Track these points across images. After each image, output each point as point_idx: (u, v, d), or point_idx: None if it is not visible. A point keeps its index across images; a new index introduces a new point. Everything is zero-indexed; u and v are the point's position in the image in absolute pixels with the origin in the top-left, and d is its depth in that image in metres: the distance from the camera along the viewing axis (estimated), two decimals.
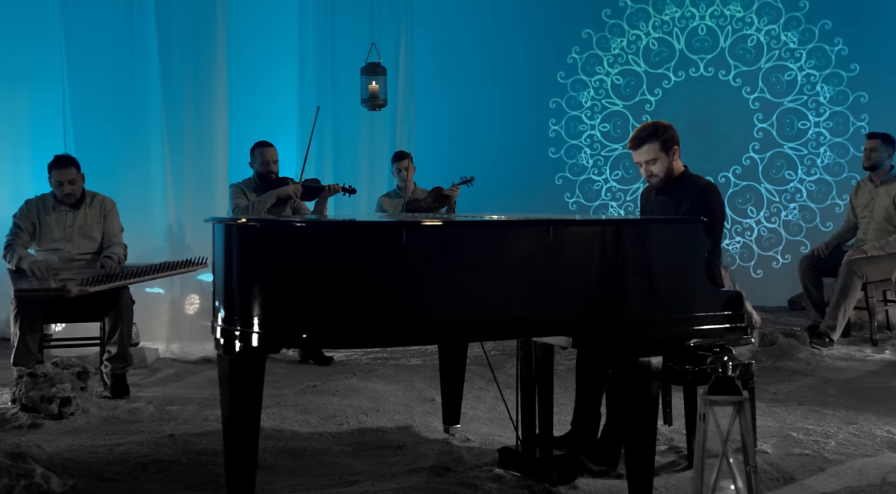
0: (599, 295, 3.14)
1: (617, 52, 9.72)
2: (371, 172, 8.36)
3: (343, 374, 5.81)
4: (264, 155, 6.51)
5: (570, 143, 9.87)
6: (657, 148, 4.13)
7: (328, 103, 8.24)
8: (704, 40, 9.57)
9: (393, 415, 4.86)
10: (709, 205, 4.01)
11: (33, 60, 7.10)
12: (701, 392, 3.13)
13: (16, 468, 3.55)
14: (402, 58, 8.45)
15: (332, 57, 8.22)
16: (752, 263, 9.34)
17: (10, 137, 7.05)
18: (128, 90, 6.80)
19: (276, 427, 4.59)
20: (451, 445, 4.28)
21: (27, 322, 5.16)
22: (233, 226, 2.99)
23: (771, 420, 4.69)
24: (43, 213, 5.48)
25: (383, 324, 2.93)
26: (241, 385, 3.03)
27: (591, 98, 9.84)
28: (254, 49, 8.38)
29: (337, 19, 8.27)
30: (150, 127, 6.81)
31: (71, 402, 4.75)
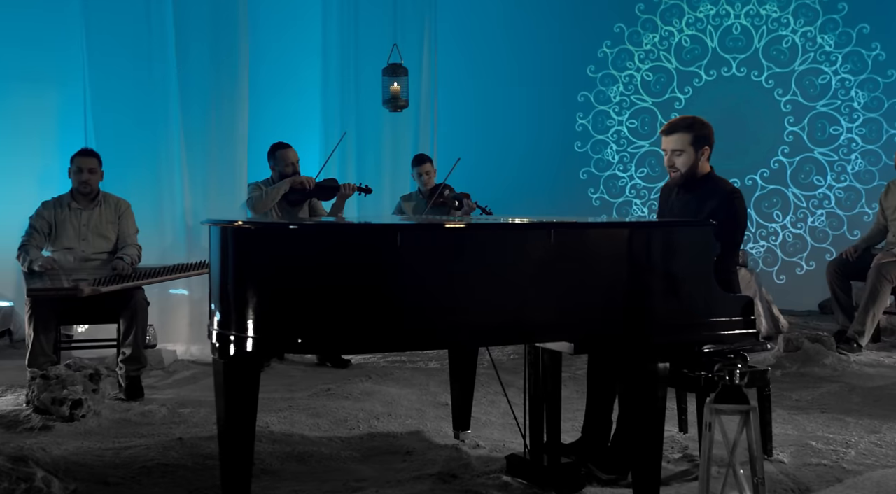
0: (601, 299, 3.06)
1: (648, 48, 9.60)
2: (394, 173, 8.32)
3: (359, 377, 5.76)
4: (285, 157, 6.50)
5: (596, 138, 9.76)
6: (688, 140, 4.03)
7: (351, 104, 8.23)
8: (738, 39, 9.42)
9: (405, 420, 4.80)
10: (733, 211, 3.91)
11: (56, 59, 7.14)
12: (707, 400, 3.04)
13: (17, 471, 3.53)
14: (426, 57, 8.40)
15: (355, 57, 8.20)
16: (776, 268, 9.17)
17: (33, 134, 7.07)
18: (147, 89, 6.81)
19: (286, 431, 4.55)
20: (460, 451, 4.21)
21: (41, 323, 5.16)
22: (228, 229, 2.94)
23: (791, 429, 4.57)
24: (59, 213, 5.50)
25: (379, 329, 2.87)
26: (235, 390, 2.98)
27: (619, 93, 9.72)
28: (279, 50, 8.39)
29: (360, 19, 8.24)
30: (169, 126, 6.81)
31: (82, 404, 4.74)
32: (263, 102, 8.18)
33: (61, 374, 4.77)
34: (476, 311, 2.93)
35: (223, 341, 2.96)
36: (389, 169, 8.32)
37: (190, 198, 6.86)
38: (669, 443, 4.25)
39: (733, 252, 3.90)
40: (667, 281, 3.13)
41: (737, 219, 3.90)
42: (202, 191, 6.83)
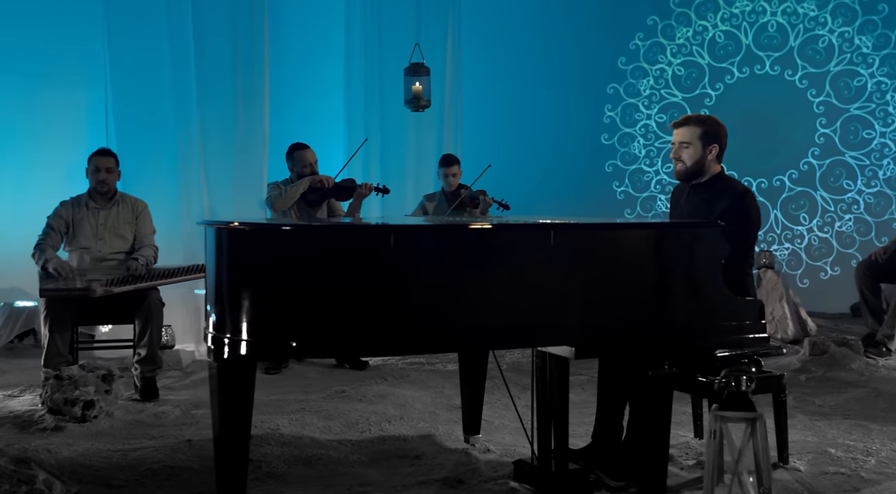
0: (603, 302, 2.98)
1: (681, 42, 9.45)
2: (417, 173, 8.26)
3: (374, 379, 5.72)
4: (303, 157, 6.47)
5: (624, 131, 9.63)
6: (697, 134, 3.92)
7: (375, 103, 8.18)
8: (773, 37, 9.24)
9: (417, 423, 4.74)
10: (744, 210, 3.81)
11: (78, 58, 7.15)
12: (713, 407, 2.95)
13: (18, 473, 3.51)
14: (449, 56, 8.33)
15: (378, 56, 8.14)
16: (800, 272, 8.99)
17: (57, 132, 7.09)
18: (168, 89, 6.82)
19: (297, 434, 4.51)
20: (469, 456, 4.15)
21: (56, 323, 5.16)
22: (223, 230, 2.90)
23: (811, 435, 4.45)
24: (76, 213, 5.51)
25: (374, 332, 2.81)
26: (229, 394, 2.95)
27: (650, 87, 9.58)
28: (303, 49, 8.36)
29: (384, 18, 8.19)
30: (189, 125, 6.82)
31: (94, 405, 4.73)
32: (288, 102, 8.17)
33: (74, 375, 4.76)
34: (473, 313, 2.87)
35: (217, 344, 2.92)
36: (413, 168, 8.26)
37: (208, 197, 6.85)
38: (683, 449, 4.16)
39: (746, 253, 3.80)
40: (670, 285, 3.05)
41: (749, 220, 3.80)
42: (222, 190, 6.83)
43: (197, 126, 6.80)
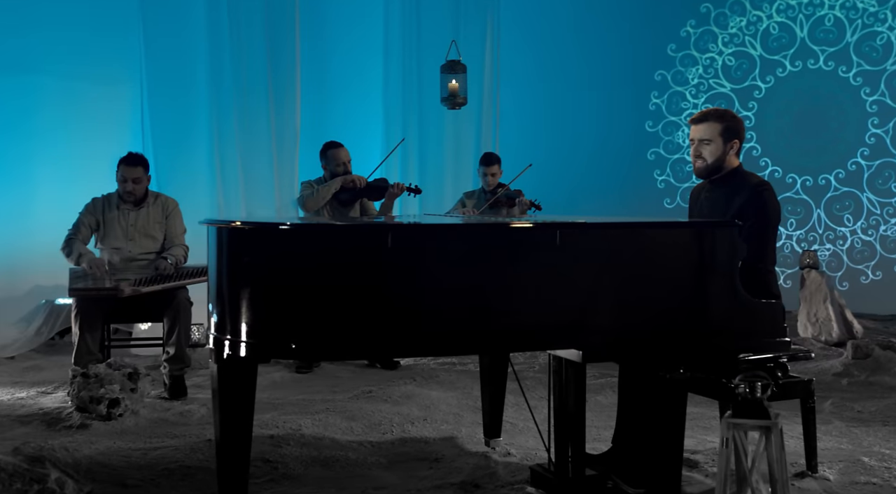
0: (610, 304, 2.88)
1: (734, 32, 9.22)
2: (455, 171, 8.21)
3: (403, 380, 5.67)
4: (336, 156, 6.43)
5: (669, 119, 9.44)
6: (717, 131, 3.81)
7: (413, 101, 8.14)
8: (829, 31, 8.98)
9: (440, 425, 4.68)
10: (761, 204, 3.68)
11: (114, 61, 7.22)
12: (726, 414, 2.84)
13: (31, 472, 3.52)
14: (488, 53, 8.26)
15: (417, 54, 8.11)
16: (840, 274, 8.72)
17: (94, 130, 7.16)
18: (202, 90, 6.86)
19: (318, 435, 4.47)
20: (489, 459, 4.07)
21: (86, 321, 5.19)
22: (223, 229, 2.87)
23: (845, 442, 4.30)
24: (107, 211, 5.53)
25: (374, 333, 2.75)
26: (229, 395, 2.91)
27: (698, 76, 9.38)
28: (345, 48, 8.36)
29: (422, 16, 8.15)
30: (225, 122, 6.85)
31: (119, 403, 4.75)
32: (328, 100, 8.18)
33: (100, 373, 4.78)
34: (473, 316, 2.80)
35: (218, 345, 2.89)
36: (451, 166, 8.22)
37: (245, 196, 6.87)
38: (710, 455, 4.03)
39: (766, 250, 3.66)
40: (679, 287, 2.94)
41: (767, 214, 3.67)
42: (256, 188, 6.83)
43: (233, 122, 6.84)
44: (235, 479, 2.96)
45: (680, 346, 2.98)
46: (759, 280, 3.54)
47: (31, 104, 7.21)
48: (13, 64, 7.07)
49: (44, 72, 7.17)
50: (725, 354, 3.11)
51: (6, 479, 3.46)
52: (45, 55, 7.15)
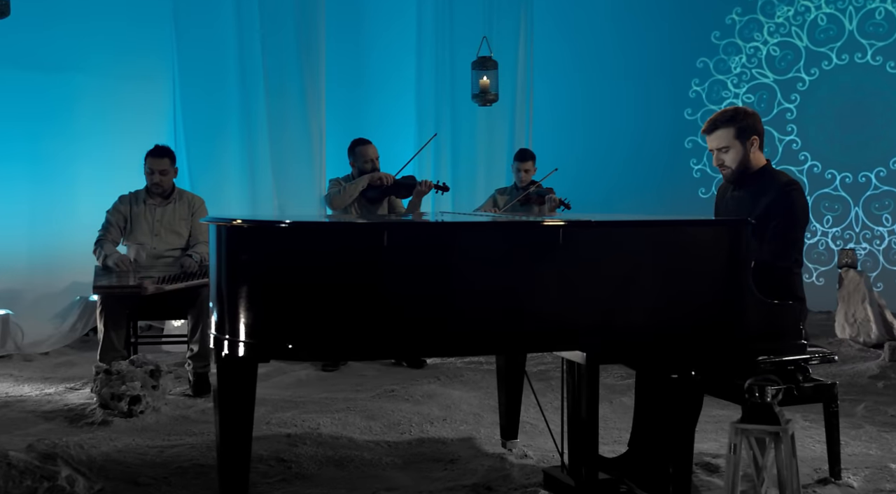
0: (613, 305, 2.81)
1: (780, 21, 8.99)
2: (488, 167, 8.15)
3: (427, 379, 5.62)
4: (365, 153, 6.40)
5: (708, 108, 9.24)
6: (732, 135, 3.71)
7: (446, 98, 8.10)
8: (880, 25, 8.73)
9: (459, 425, 4.63)
10: (789, 203, 3.57)
11: (147, 55, 7.27)
12: (734, 419, 2.75)
13: (42, 469, 3.53)
14: (521, 48, 8.18)
15: (449, 50, 8.06)
16: (875, 274, 8.47)
17: (130, 127, 7.21)
18: (234, 87, 6.88)
19: (335, 434, 4.44)
20: (505, 461, 4.01)
21: (111, 319, 5.22)
22: (222, 227, 2.84)
23: (874, 448, 4.17)
24: (134, 208, 5.56)
25: (373, 334, 2.71)
26: (228, 395, 2.89)
27: (741, 65, 9.17)
28: (383, 45, 8.35)
29: (455, 12, 8.10)
30: (253, 123, 6.87)
31: (140, 401, 4.76)
32: (364, 98, 8.19)
33: (122, 370, 4.80)
34: (469, 318, 2.74)
35: (217, 345, 2.86)
36: (483, 163, 8.16)
37: (277, 194, 6.89)
38: None
39: (790, 250, 3.56)
40: (685, 288, 2.85)
41: (794, 213, 3.56)
42: (287, 184, 6.85)
43: (264, 117, 6.86)
44: (235, 479, 2.94)
45: (686, 348, 2.89)
46: (782, 280, 3.45)
47: (70, 102, 7.28)
48: (51, 62, 7.14)
49: (80, 69, 7.23)
50: (735, 356, 3.02)
51: (17, 476, 3.48)
52: (81, 53, 7.21)
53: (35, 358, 6.62)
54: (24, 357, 6.63)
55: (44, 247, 7.22)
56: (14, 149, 7.09)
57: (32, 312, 7.08)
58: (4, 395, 5.39)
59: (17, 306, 7.10)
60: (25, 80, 7.06)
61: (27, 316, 6.96)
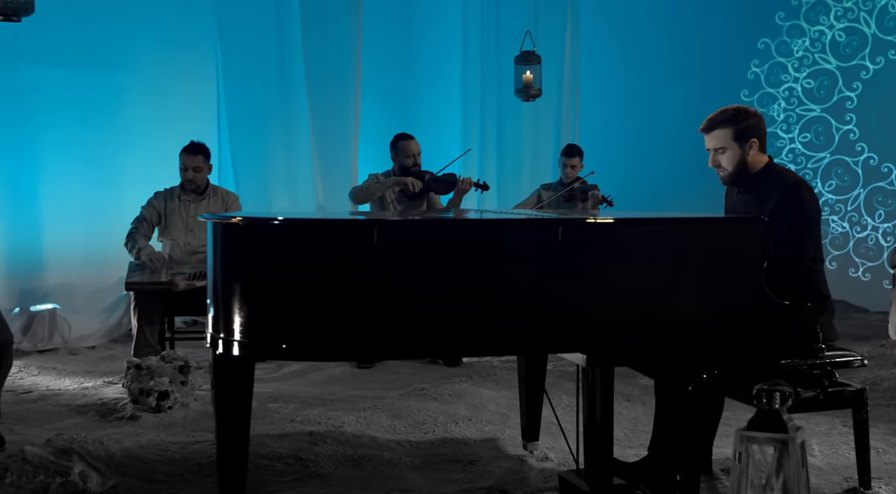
0: (614, 305, 2.71)
1: (849, 6, 8.63)
2: (534, 163, 8.05)
3: (460, 377, 5.56)
4: (406, 148, 6.35)
5: (766, 91, 8.96)
6: (729, 136, 3.57)
7: (492, 92, 8.01)
8: None
9: (484, 426, 4.55)
10: (797, 202, 3.43)
11: (191, 50, 7.33)
12: (738, 427, 2.64)
13: (56, 465, 3.54)
14: (568, 42, 8.05)
15: (496, 45, 7.97)
16: None
17: (174, 123, 7.27)
18: (276, 84, 6.91)
19: (358, 433, 4.40)
20: (524, 463, 3.93)
21: (145, 314, 5.26)
22: (217, 224, 2.81)
23: None
24: (168, 204, 5.60)
25: (366, 334, 2.65)
26: (224, 395, 2.86)
27: (804, 48, 8.86)
28: (434, 40, 8.32)
29: (501, 5, 8.01)
30: (294, 119, 6.89)
31: (169, 396, 4.77)
32: (418, 91, 8.18)
33: (151, 365, 4.82)
34: (466, 319, 2.66)
35: (213, 343, 2.83)
36: (529, 159, 8.06)
37: (323, 190, 6.91)
38: None
39: (806, 248, 3.41)
40: (689, 288, 2.74)
41: (804, 211, 3.42)
42: (327, 181, 6.86)
43: (306, 113, 6.89)
44: (232, 479, 2.91)
45: (690, 351, 2.78)
46: (801, 280, 3.32)
47: (118, 99, 7.37)
48: (98, 60, 7.24)
49: (126, 66, 7.32)
50: (742, 360, 2.90)
51: (30, 471, 3.50)
52: (127, 49, 7.30)
53: (81, 352, 6.71)
54: (70, 350, 6.73)
55: (96, 243, 7.32)
56: (67, 148, 7.21)
57: (83, 307, 7.20)
58: (45, 388, 5.47)
59: (70, 301, 7.22)
60: (74, 78, 7.17)
61: (76, 311, 7.08)
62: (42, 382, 5.66)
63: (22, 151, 7.12)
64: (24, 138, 7.12)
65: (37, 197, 7.19)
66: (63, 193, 7.14)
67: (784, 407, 2.59)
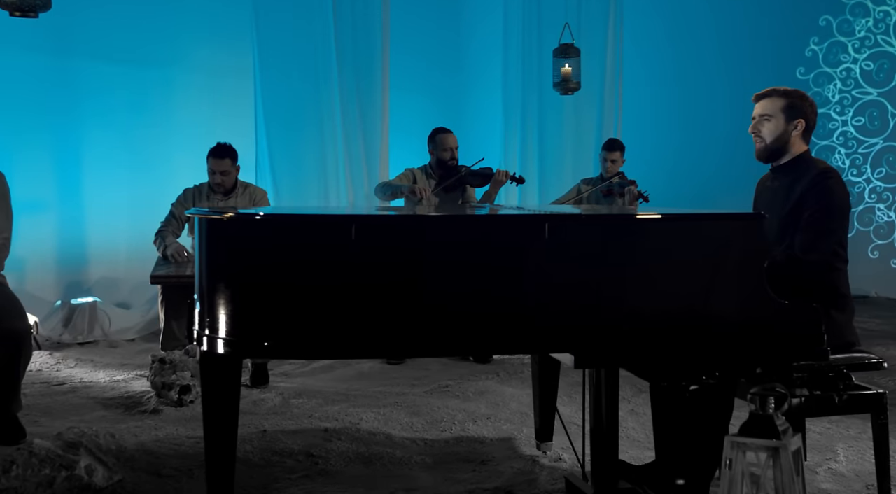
0: (600, 303, 2.61)
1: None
2: (576, 157, 7.92)
3: (487, 374, 5.49)
4: (445, 141, 6.28)
5: (822, 69, 8.61)
6: (779, 106, 3.44)
7: (533, 87, 7.91)
8: None
9: (502, 424, 4.48)
10: (825, 191, 3.29)
11: (231, 50, 7.37)
12: (731, 433, 2.53)
13: (62, 458, 3.56)
14: (611, 35, 7.90)
15: (538, 36, 7.85)
16: None
17: (214, 123, 7.30)
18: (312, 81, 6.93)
19: (374, 430, 4.36)
20: (535, 464, 3.85)
21: (171, 308, 5.28)
22: (203, 219, 2.78)
23: None
24: (198, 200, 5.61)
25: (344, 333, 2.60)
26: (210, 392, 2.83)
27: (866, 28, 8.45)
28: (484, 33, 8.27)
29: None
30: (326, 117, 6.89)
31: (190, 390, 4.79)
32: (466, 89, 8.14)
33: (175, 359, 4.84)
34: (447, 319, 2.59)
35: (199, 340, 2.81)
36: (570, 153, 7.93)
37: (352, 187, 6.89)
38: None
39: (824, 241, 3.26)
40: (687, 285, 2.63)
41: (830, 203, 3.27)
42: (358, 177, 6.84)
43: (338, 109, 6.86)
44: (220, 478, 2.88)
45: (683, 350, 2.67)
46: (820, 276, 3.19)
47: (164, 95, 7.46)
48: (144, 56, 7.32)
49: (172, 63, 7.40)
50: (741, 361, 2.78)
51: (36, 464, 3.52)
52: (174, 46, 7.38)
53: (120, 345, 6.79)
54: (109, 343, 6.81)
55: (140, 237, 7.36)
56: (112, 143, 7.31)
57: (127, 301, 7.29)
58: (77, 381, 5.53)
59: (114, 295, 7.32)
60: (120, 73, 7.27)
61: (118, 305, 7.17)
62: (76, 374, 5.72)
63: (69, 146, 7.24)
64: (71, 133, 7.24)
65: (83, 192, 7.31)
66: (108, 188, 7.25)
67: (779, 411, 2.47)
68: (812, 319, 2.72)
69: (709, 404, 2.83)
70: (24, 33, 6.64)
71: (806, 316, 2.72)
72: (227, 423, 2.85)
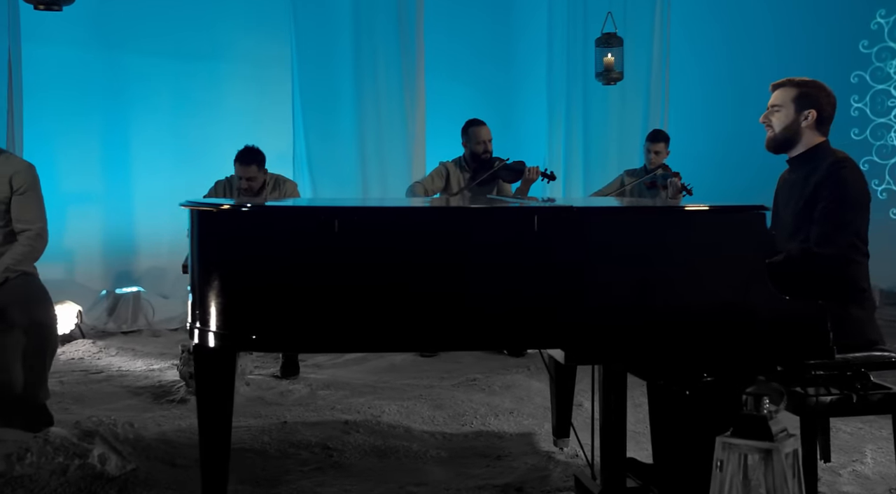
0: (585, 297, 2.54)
1: None
2: (620, 148, 7.78)
3: (518, 368, 5.43)
4: (478, 134, 6.23)
5: (886, 44, 8.24)
6: (789, 96, 3.32)
7: (578, 77, 7.79)
8: None
9: (524, 419, 4.42)
10: (839, 181, 3.15)
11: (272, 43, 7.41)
12: (724, 434, 2.44)
13: (76, 447, 3.61)
14: (657, 25, 7.74)
15: (583, 26, 7.73)
16: None
17: (256, 113, 7.37)
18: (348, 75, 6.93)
19: (394, 423, 4.34)
20: (551, 460, 3.79)
21: None
22: (194, 211, 2.77)
23: None
24: (227, 193, 5.62)
25: (331, 326, 2.57)
26: (203, 385, 2.83)
27: None
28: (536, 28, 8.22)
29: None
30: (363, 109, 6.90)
31: None
32: (518, 81, 8.09)
33: None
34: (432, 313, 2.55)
35: (191, 333, 2.81)
36: (615, 144, 7.80)
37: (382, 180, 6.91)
38: None
39: (840, 233, 3.12)
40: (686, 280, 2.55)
41: (845, 193, 3.13)
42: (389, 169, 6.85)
43: (373, 101, 6.85)
44: (214, 471, 2.88)
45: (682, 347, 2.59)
46: (838, 270, 3.07)
47: (208, 88, 7.54)
48: (189, 49, 7.40)
49: (215, 56, 7.48)
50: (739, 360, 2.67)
51: (51, 453, 3.57)
52: (217, 39, 7.46)
53: (163, 334, 6.88)
54: (153, 332, 6.90)
55: (185, 227, 7.50)
56: (159, 135, 7.42)
57: (172, 291, 7.38)
58: (115, 370, 5.61)
59: (160, 285, 7.42)
60: (167, 67, 7.37)
61: (163, 295, 7.26)
62: (115, 363, 5.81)
63: (116, 140, 7.36)
64: (118, 127, 7.35)
65: (130, 183, 7.42)
66: (154, 179, 7.34)
67: (775, 411, 2.38)
68: (816, 316, 2.61)
69: (707, 404, 2.74)
70: (71, 29, 6.77)
71: (810, 313, 2.61)
72: (220, 418, 2.85)
